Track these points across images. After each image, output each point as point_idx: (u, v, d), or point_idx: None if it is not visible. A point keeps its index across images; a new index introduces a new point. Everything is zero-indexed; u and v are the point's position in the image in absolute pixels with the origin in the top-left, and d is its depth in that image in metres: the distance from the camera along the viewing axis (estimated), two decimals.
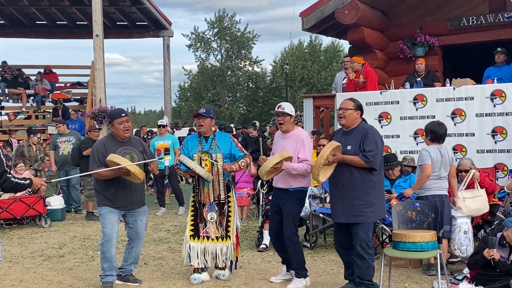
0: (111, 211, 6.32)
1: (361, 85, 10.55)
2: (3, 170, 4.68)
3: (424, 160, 6.68)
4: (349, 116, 5.86)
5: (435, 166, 6.68)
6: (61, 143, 12.43)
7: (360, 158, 5.64)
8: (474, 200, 7.02)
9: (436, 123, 7.06)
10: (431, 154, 6.65)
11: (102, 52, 16.28)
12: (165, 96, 22.47)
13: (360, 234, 5.71)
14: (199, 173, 6.31)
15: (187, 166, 6.32)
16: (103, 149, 6.30)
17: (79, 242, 9.15)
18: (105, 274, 6.32)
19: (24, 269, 7.41)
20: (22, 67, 21.22)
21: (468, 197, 7.01)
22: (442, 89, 9.78)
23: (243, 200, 10.38)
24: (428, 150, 6.73)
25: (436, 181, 6.70)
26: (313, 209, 8.32)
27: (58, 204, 11.40)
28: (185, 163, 6.33)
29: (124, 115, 6.38)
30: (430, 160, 6.63)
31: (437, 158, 6.68)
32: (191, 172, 6.40)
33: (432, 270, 6.68)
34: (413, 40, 13.30)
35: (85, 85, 20.21)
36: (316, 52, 45.43)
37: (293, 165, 6.17)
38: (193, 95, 46.34)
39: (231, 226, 6.58)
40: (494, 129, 9.03)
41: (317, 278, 6.63)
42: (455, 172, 7.11)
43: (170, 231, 9.94)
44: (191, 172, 6.42)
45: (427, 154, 6.67)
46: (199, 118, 6.60)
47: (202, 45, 44.81)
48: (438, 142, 6.83)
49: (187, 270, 6.99)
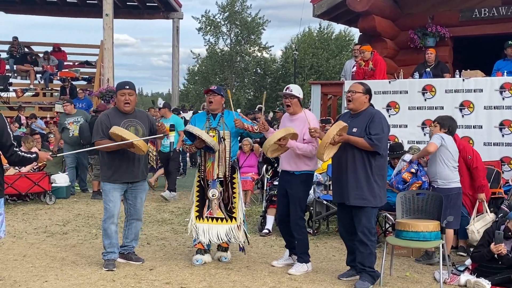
0: (114, 188, 6.33)
1: (370, 73, 10.50)
2: (10, 143, 4.69)
3: (434, 140, 6.71)
4: (357, 99, 5.84)
5: (454, 156, 6.72)
6: (69, 125, 12.06)
7: (365, 140, 5.63)
8: (486, 227, 6.65)
9: (450, 117, 7.14)
10: (444, 141, 6.67)
11: (112, 31, 16.29)
12: (173, 78, 22.48)
13: (362, 221, 5.72)
14: (205, 140, 6.21)
15: (194, 133, 6.24)
16: (107, 121, 6.28)
17: (83, 220, 9.19)
18: (107, 252, 6.35)
19: (27, 245, 7.45)
20: (32, 44, 21.28)
21: (481, 227, 6.79)
22: (451, 80, 9.73)
23: (247, 184, 10.38)
24: (442, 136, 6.75)
25: (456, 173, 6.76)
26: (317, 196, 8.32)
27: (63, 181, 11.42)
28: (191, 130, 6.26)
29: (128, 88, 6.32)
30: (440, 143, 6.65)
31: (454, 148, 6.74)
32: (198, 143, 6.34)
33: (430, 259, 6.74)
34: (424, 30, 13.22)
35: (93, 65, 20.23)
36: (327, 40, 45.19)
37: (298, 144, 6.14)
38: (201, 79, 46.26)
39: (236, 208, 6.57)
40: (502, 122, 8.98)
41: (319, 264, 6.65)
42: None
43: (173, 213, 9.97)
44: (198, 144, 6.35)
45: (439, 138, 6.69)
46: (209, 94, 6.56)
47: (212, 29, 44.64)
48: (452, 135, 6.89)
49: (190, 251, 7.02)
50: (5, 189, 10.08)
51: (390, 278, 6.12)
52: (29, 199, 10.96)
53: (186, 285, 5.74)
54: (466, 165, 7.04)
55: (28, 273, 6.09)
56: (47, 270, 6.24)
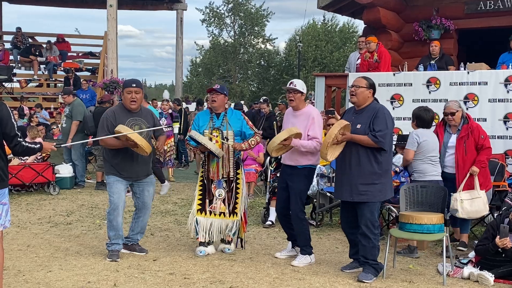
0: (118, 180, 6.34)
1: (375, 65, 10.47)
2: (14, 133, 4.69)
3: (409, 145, 6.72)
4: (360, 94, 5.82)
5: (432, 149, 6.66)
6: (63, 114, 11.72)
7: (369, 137, 5.61)
8: (472, 202, 6.70)
9: (423, 108, 7.03)
10: (420, 138, 6.64)
11: (116, 22, 16.25)
12: (176, 70, 22.45)
13: (365, 214, 5.71)
14: (210, 148, 6.28)
15: (198, 141, 6.30)
16: (113, 118, 6.30)
17: (87, 211, 9.21)
18: (111, 243, 6.37)
19: (31, 235, 7.48)
20: (35, 34, 21.25)
21: (466, 198, 6.70)
22: (456, 72, 9.69)
23: (250, 176, 10.39)
24: (417, 134, 6.72)
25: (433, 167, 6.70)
26: (321, 188, 8.33)
27: (67, 172, 11.44)
28: (197, 138, 6.30)
29: (135, 86, 6.34)
30: (415, 145, 6.64)
31: (431, 140, 6.66)
32: (202, 147, 6.39)
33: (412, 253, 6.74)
34: (429, 23, 13.17)
35: (97, 56, 20.21)
36: (331, 32, 45.06)
37: (302, 142, 6.14)
38: (204, 71, 46.22)
39: (238, 203, 6.59)
40: (507, 115, 8.95)
41: (322, 256, 6.65)
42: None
43: (177, 204, 9.99)
44: (202, 148, 6.40)
45: (413, 140, 6.68)
46: (212, 93, 6.57)
47: (215, 20, 44.55)
48: (424, 128, 6.81)
49: (193, 243, 7.03)
50: (9, 179, 10.17)
51: (393, 271, 6.12)
52: (33, 189, 10.98)
53: (189, 276, 5.76)
54: (475, 145, 6.84)
55: (32, 263, 6.11)
56: (51, 260, 6.26)
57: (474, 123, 7.05)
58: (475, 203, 6.70)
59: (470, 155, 6.85)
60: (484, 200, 6.79)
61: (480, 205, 6.73)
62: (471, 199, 6.70)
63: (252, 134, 6.56)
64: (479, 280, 5.70)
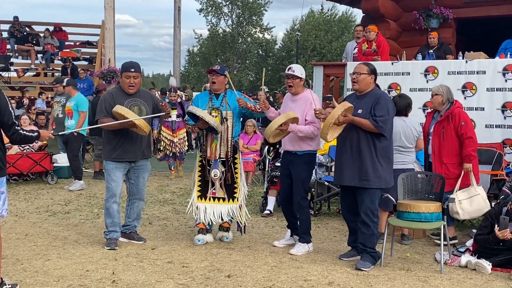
0: (117, 168, 6.35)
1: (373, 54, 10.45)
2: (12, 122, 4.68)
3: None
4: (362, 80, 5.81)
5: (398, 138, 6.56)
6: (55, 104, 10.96)
7: (370, 122, 5.61)
8: (471, 200, 6.45)
9: (398, 95, 6.96)
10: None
11: (113, 11, 16.21)
12: (174, 59, 22.39)
13: (365, 202, 5.72)
14: (208, 121, 6.18)
15: (197, 115, 6.20)
16: (111, 100, 6.29)
17: (85, 200, 9.21)
18: (109, 231, 6.38)
19: (29, 224, 7.48)
20: (32, 23, 21.17)
21: (464, 198, 6.45)
22: (454, 61, 9.67)
23: (248, 165, 10.39)
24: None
25: (399, 155, 6.61)
26: (319, 177, 8.33)
27: (65, 161, 11.40)
28: (195, 112, 6.22)
29: (133, 71, 6.31)
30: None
31: (397, 129, 6.43)
32: (201, 123, 6.30)
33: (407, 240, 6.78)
34: (428, 11, 13.14)
35: (94, 45, 20.16)
36: (330, 22, 44.95)
37: (299, 127, 6.13)
38: (202, 60, 46.10)
39: (237, 188, 6.58)
40: (504, 104, 8.93)
41: (320, 245, 6.67)
42: (423, 146, 6.95)
43: (175, 193, 9.99)
44: (201, 124, 6.32)
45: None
46: (212, 74, 6.53)
47: (213, 9, 44.40)
48: (400, 115, 6.70)
49: (191, 231, 7.04)
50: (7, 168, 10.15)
51: (391, 259, 6.13)
52: (30, 178, 10.97)
53: (187, 264, 5.77)
54: (456, 132, 6.59)
55: (30, 252, 6.12)
56: (49, 248, 6.27)
57: (456, 108, 6.76)
58: (474, 202, 6.46)
59: (448, 142, 6.63)
60: (484, 196, 6.52)
61: (481, 202, 6.46)
62: (470, 198, 6.48)
63: (254, 103, 6.49)
64: (476, 269, 5.71)
